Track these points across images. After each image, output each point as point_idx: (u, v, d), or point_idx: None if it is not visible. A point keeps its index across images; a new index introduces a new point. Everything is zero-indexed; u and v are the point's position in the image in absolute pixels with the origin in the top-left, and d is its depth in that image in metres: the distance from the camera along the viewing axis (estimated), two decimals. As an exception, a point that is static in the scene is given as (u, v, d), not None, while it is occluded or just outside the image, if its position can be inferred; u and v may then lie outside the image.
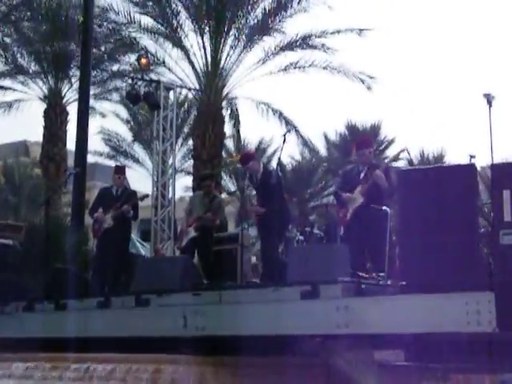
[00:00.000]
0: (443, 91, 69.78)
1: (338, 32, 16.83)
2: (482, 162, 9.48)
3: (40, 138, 19.90)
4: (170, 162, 13.63)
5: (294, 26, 17.44)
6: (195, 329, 6.19)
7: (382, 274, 6.30)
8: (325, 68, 17.20)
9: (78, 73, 15.95)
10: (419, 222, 5.59)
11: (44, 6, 17.90)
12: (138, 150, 26.29)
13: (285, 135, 8.17)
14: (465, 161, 7.32)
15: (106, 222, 9.61)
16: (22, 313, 7.74)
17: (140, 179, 26.07)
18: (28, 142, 46.30)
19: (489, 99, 14.98)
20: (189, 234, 9.63)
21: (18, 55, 18.70)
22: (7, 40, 18.56)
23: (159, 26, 16.40)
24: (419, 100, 72.10)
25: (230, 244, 10.06)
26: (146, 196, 10.90)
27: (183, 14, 16.29)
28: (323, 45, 16.81)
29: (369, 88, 17.29)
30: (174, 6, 16.24)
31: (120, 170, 10.27)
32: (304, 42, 17.04)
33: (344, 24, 17.18)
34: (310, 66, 17.12)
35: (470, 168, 5.75)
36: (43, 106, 19.35)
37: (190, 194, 18.34)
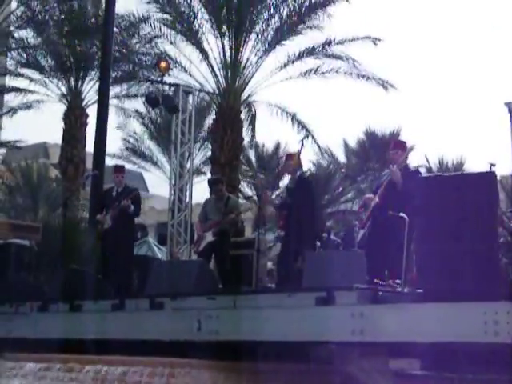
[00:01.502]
0: (465, 99, 69.43)
1: (356, 39, 16.78)
2: (502, 170, 9.39)
3: (59, 140, 20.02)
4: (188, 165, 13.63)
5: (314, 32, 17.44)
6: (209, 333, 6.17)
7: (398, 282, 6.23)
8: (346, 73, 17.16)
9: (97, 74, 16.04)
10: (438, 229, 5.52)
11: (66, 8, 18.01)
12: (157, 153, 26.36)
13: (302, 140, 8.13)
14: (485, 169, 7.23)
15: (106, 222, 9.51)
16: (36, 313, 7.75)
17: (159, 182, 26.05)
18: (48, 144, 46.61)
19: (510, 108, 14.84)
20: (206, 239, 9.60)
21: (40, 56, 18.81)
22: (29, 41, 18.70)
23: (179, 28, 16.40)
24: (440, 107, 71.80)
25: (247, 249, 10.04)
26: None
27: (203, 16, 16.30)
28: (342, 53, 16.81)
29: (386, 90, 17.25)
30: (193, 7, 16.25)
31: (119, 169, 10.15)
32: (324, 49, 17.02)
33: (362, 32, 17.16)
34: (331, 71, 17.09)
35: (491, 176, 5.68)
36: (63, 107, 19.47)
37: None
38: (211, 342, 6.22)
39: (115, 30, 14.26)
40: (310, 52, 16.98)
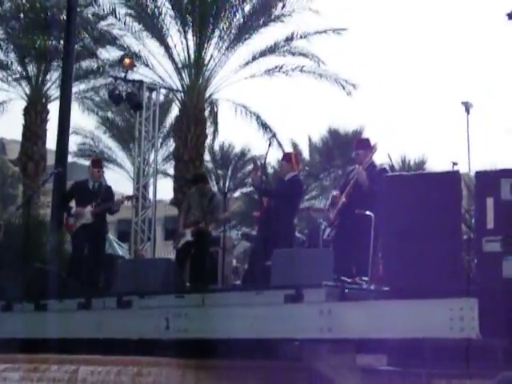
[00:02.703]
0: (424, 98, 70.35)
1: (319, 32, 16.87)
2: (461, 168, 9.57)
3: (17, 137, 19.70)
4: (152, 162, 13.60)
5: (278, 28, 17.50)
6: (177, 331, 6.15)
7: (365, 279, 6.33)
8: (310, 72, 17.27)
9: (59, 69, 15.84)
10: (403, 227, 5.62)
11: (26, 1, 17.72)
12: (117, 151, 26.11)
13: (270, 139, 8.18)
14: (445, 167, 7.38)
15: (85, 217, 9.41)
16: (0, 312, 7.64)
17: (119, 180, 25.79)
18: (4, 139, 45.80)
19: (467, 107, 15.13)
20: (185, 236, 9.56)
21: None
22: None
23: (142, 22, 16.30)
24: (400, 107, 72.66)
25: (212, 246, 10.05)
26: (134, 197, 10.87)
27: (167, 12, 16.22)
28: (305, 51, 16.89)
29: (349, 94, 17.40)
30: (158, 2, 16.16)
31: (98, 163, 10.11)
32: (287, 44, 17.09)
33: (325, 25, 17.23)
34: (295, 69, 17.17)
35: (455, 175, 5.79)
36: (22, 104, 19.16)
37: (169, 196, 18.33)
38: (179, 340, 6.23)
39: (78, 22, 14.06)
40: (273, 49, 17.03)
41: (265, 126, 18.48)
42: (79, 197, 9.60)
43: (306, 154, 30.75)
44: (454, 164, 7.91)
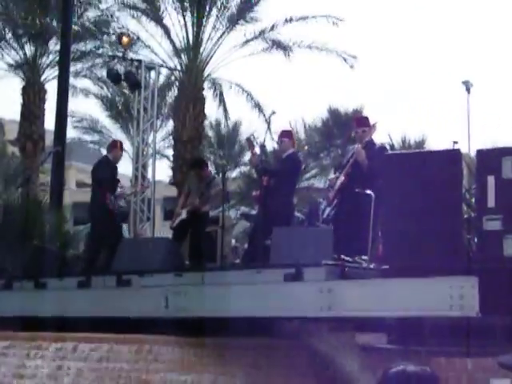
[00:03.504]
0: (424, 77, 70.15)
1: (315, 17, 16.77)
2: (461, 148, 9.53)
3: (16, 116, 19.60)
4: (151, 142, 13.54)
5: (277, 8, 17.41)
6: (177, 310, 6.16)
7: (365, 258, 6.32)
8: (308, 47, 17.14)
9: (57, 49, 15.72)
10: (403, 206, 5.61)
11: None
12: (115, 131, 25.99)
13: (269, 117, 8.08)
14: (446, 146, 7.32)
15: (121, 200, 9.68)
16: (0, 291, 7.65)
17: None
18: (3, 119, 45.63)
19: (467, 86, 15.06)
20: (181, 216, 9.62)
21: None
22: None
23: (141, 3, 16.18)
24: (401, 86, 72.40)
25: (211, 226, 10.04)
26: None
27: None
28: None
29: (351, 67, 17.26)
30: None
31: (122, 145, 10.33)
32: (285, 25, 16.98)
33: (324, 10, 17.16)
34: (293, 44, 17.06)
35: (455, 153, 5.77)
36: (21, 83, 19.04)
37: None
38: (179, 318, 6.23)
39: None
40: (271, 28, 16.94)
41: (259, 107, 18.51)
42: (115, 179, 9.70)
43: (301, 134, 30.70)
44: (455, 143, 7.87)
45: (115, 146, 9.89)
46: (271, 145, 15.01)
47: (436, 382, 2.52)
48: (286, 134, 8.52)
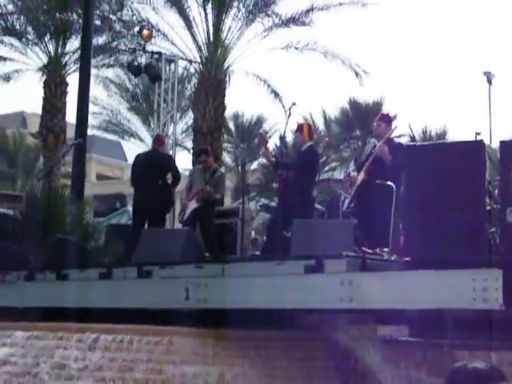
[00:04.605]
0: (446, 68, 69.59)
1: (341, 4, 16.70)
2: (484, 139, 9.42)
3: (38, 110, 19.76)
4: (171, 134, 13.57)
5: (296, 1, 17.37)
6: (197, 301, 6.17)
7: (386, 250, 6.28)
8: (323, 54, 17.22)
9: (78, 42, 15.82)
10: (424, 198, 5.55)
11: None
12: (135, 122, 26.08)
13: (290, 109, 8.02)
14: (467, 138, 7.24)
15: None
16: (22, 282, 7.71)
17: (138, 151, 25.72)
18: (25, 113, 46.03)
19: (489, 77, 14.89)
20: (190, 207, 9.61)
21: (18, 23, 18.46)
22: (7, 8, 18.33)
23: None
24: (421, 77, 71.90)
25: (231, 218, 10.05)
26: None
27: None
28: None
29: (360, 80, 17.39)
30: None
31: None
32: (306, 16, 16.93)
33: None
34: (308, 49, 17.11)
35: (479, 144, 5.70)
36: (42, 77, 19.16)
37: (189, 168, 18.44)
38: (199, 309, 6.24)
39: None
40: (291, 20, 16.89)
41: (279, 98, 18.49)
42: None
43: (321, 126, 30.69)
44: (477, 134, 7.79)
45: (163, 142, 10.45)
46: (292, 136, 15.09)
47: (503, 379, 2.50)
48: (298, 129, 8.53)
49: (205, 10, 16.14)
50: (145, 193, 9.45)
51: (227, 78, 17.23)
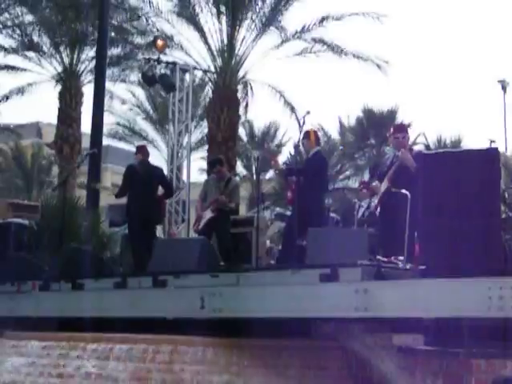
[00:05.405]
0: (460, 76, 69.34)
1: (356, 14, 16.71)
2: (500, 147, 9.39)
3: (53, 120, 19.91)
4: (186, 143, 13.61)
5: (311, 10, 17.41)
6: (212, 311, 6.16)
7: (401, 258, 6.25)
8: (341, 52, 17.14)
9: (93, 53, 15.94)
10: (440, 206, 5.53)
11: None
12: (151, 132, 26.20)
13: (304, 117, 8.01)
14: (482, 145, 7.20)
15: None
16: (38, 292, 7.75)
17: (154, 162, 25.85)
18: (41, 123, 46.31)
19: (503, 85, 14.84)
20: (206, 216, 9.60)
21: (34, 34, 18.64)
22: (22, 19, 18.50)
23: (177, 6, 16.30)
24: (436, 85, 71.73)
25: (245, 227, 10.05)
26: None
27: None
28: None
29: (384, 72, 17.24)
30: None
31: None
32: (321, 25, 16.97)
33: (361, 8, 17.07)
34: (326, 50, 17.07)
35: (493, 152, 5.67)
36: (57, 87, 19.32)
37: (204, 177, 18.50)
38: (214, 319, 6.24)
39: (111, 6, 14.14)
40: (307, 29, 16.93)
41: (292, 108, 18.51)
42: None
43: (336, 135, 30.73)
44: (492, 142, 7.76)
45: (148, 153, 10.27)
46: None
47: None
48: (306, 135, 8.56)
49: (219, 20, 16.23)
50: (138, 204, 9.42)
51: (249, 87, 17.38)
